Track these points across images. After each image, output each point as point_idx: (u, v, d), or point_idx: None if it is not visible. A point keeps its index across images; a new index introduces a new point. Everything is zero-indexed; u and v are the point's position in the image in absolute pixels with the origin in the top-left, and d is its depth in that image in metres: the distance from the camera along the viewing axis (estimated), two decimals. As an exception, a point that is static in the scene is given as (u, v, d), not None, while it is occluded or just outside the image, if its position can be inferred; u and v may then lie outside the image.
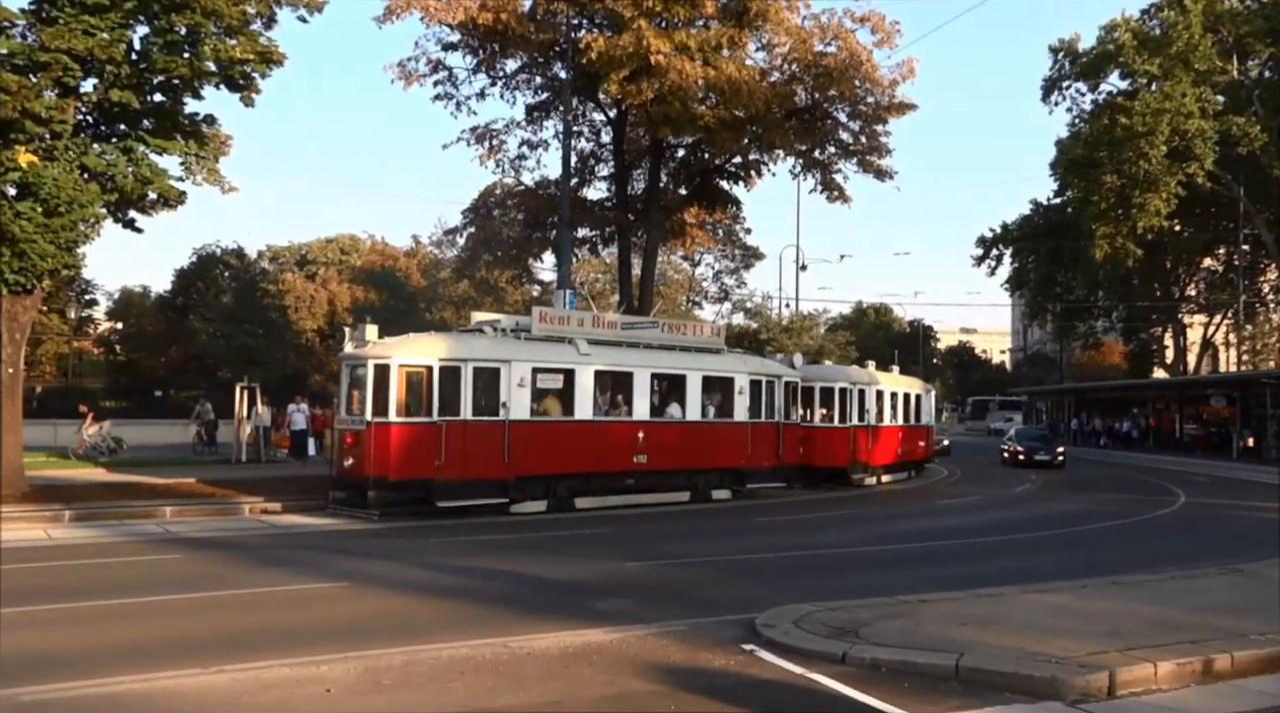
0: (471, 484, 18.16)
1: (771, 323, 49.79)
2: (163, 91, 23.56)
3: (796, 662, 8.30)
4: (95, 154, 22.72)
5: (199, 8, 21.24)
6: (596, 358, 20.16)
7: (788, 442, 24.13)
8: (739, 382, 22.73)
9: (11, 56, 21.07)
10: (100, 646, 8.81)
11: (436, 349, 18.19)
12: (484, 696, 7.40)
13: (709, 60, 24.93)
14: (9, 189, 21.53)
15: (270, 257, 62.04)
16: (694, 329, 23.65)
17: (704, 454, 22.17)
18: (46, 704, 6.99)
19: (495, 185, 31.11)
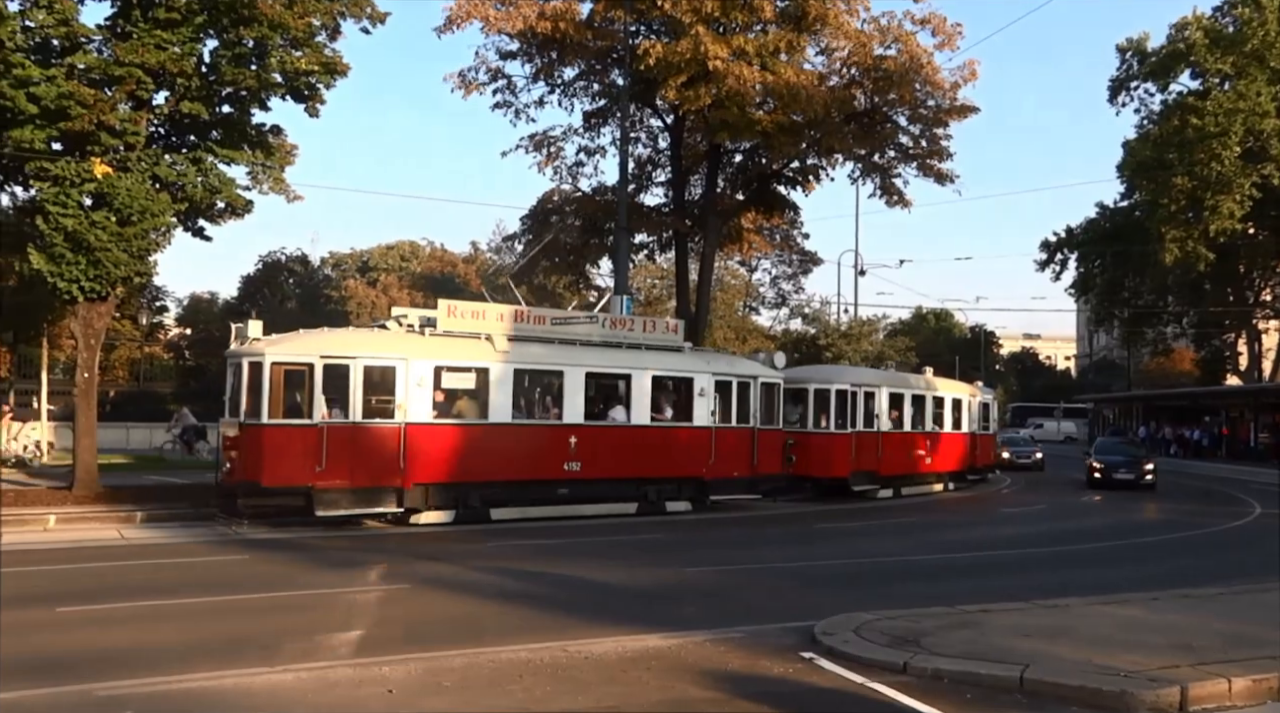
0: (360, 493, 16.60)
1: (830, 328, 49.37)
2: (231, 103, 24.15)
3: (856, 671, 8.22)
4: (166, 165, 23.36)
5: (266, 20, 21.74)
6: (517, 355, 18.39)
7: (766, 449, 21.77)
8: (700, 382, 20.62)
9: (88, 71, 21.78)
10: (171, 643, 9.03)
11: (320, 345, 16.87)
12: (543, 699, 7.44)
13: (767, 65, 24.84)
14: (85, 199, 22.24)
15: (333, 263, 63.22)
16: (646, 325, 21.27)
17: (655, 462, 20.10)
18: (120, 700, 7.18)
19: (553, 192, 31.29)
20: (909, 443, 27.02)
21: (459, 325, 18.28)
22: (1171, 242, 45.00)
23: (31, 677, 7.71)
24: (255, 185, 25.22)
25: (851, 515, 22.02)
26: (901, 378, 28.87)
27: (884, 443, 25.60)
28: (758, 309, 54.64)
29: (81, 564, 13.24)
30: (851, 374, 26.86)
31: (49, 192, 21.72)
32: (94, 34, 22.41)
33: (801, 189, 31.32)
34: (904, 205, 30.23)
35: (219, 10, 21.95)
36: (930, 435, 27.92)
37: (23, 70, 20.70)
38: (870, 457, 25.02)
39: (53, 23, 21.23)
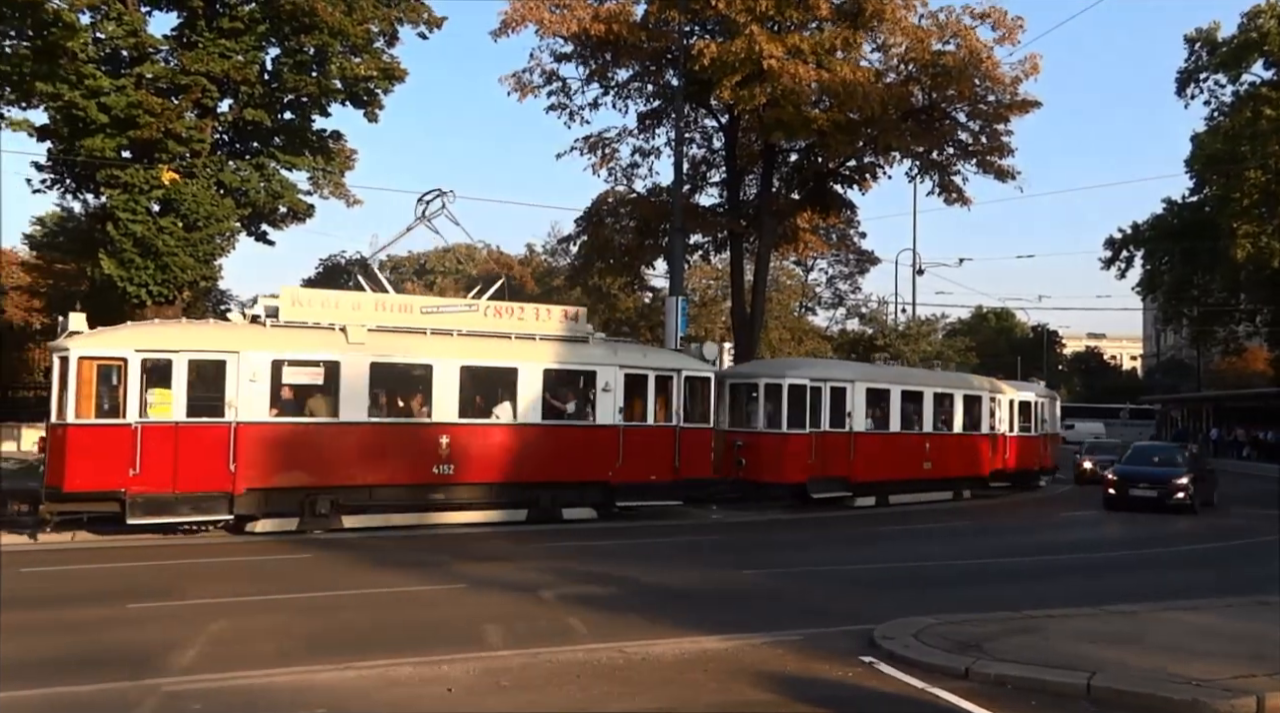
0: (185, 499, 15.01)
1: (887, 328, 48.80)
2: (292, 109, 24.66)
3: (917, 676, 8.09)
4: (231, 171, 23.92)
5: (326, 28, 22.15)
6: (376, 348, 16.57)
7: (692, 450, 19.43)
8: (604, 376, 18.45)
9: (156, 80, 22.38)
10: (235, 640, 9.22)
11: (137, 339, 15.30)
12: (600, 699, 7.44)
13: (822, 63, 24.62)
14: (153, 206, 22.85)
15: (391, 266, 64.07)
16: (540, 313, 18.94)
17: (548, 464, 18.00)
18: (186, 695, 7.33)
19: (608, 193, 31.35)
20: (898, 445, 23.77)
21: (307, 315, 16.44)
22: (1243, 237, 43.65)
23: (102, 671, 7.92)
24: (316, 190, 25.77)
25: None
26: (891, 372, 26.06)
27: (859, 445, 22.44)
28: (814, 309, 54.20)
29: (147, 563, 13.56)
30: (814, 367, 23.75)
31: (119, 198, 22.37)
32: (161, 44, 23.02)
33: (858, 188, 31.02)
34: (963, 203, 29.76)
35: (281, 18, 22.42)
36: (932, 437, 24.78)
37: (94, 81, 21.36)
38: (839, 460, 22.09)
39: (122, 34, 21.86)
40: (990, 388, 27.80)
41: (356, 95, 24.49)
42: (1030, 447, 28.93)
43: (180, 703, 7.16)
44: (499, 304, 18.65)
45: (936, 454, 24.81)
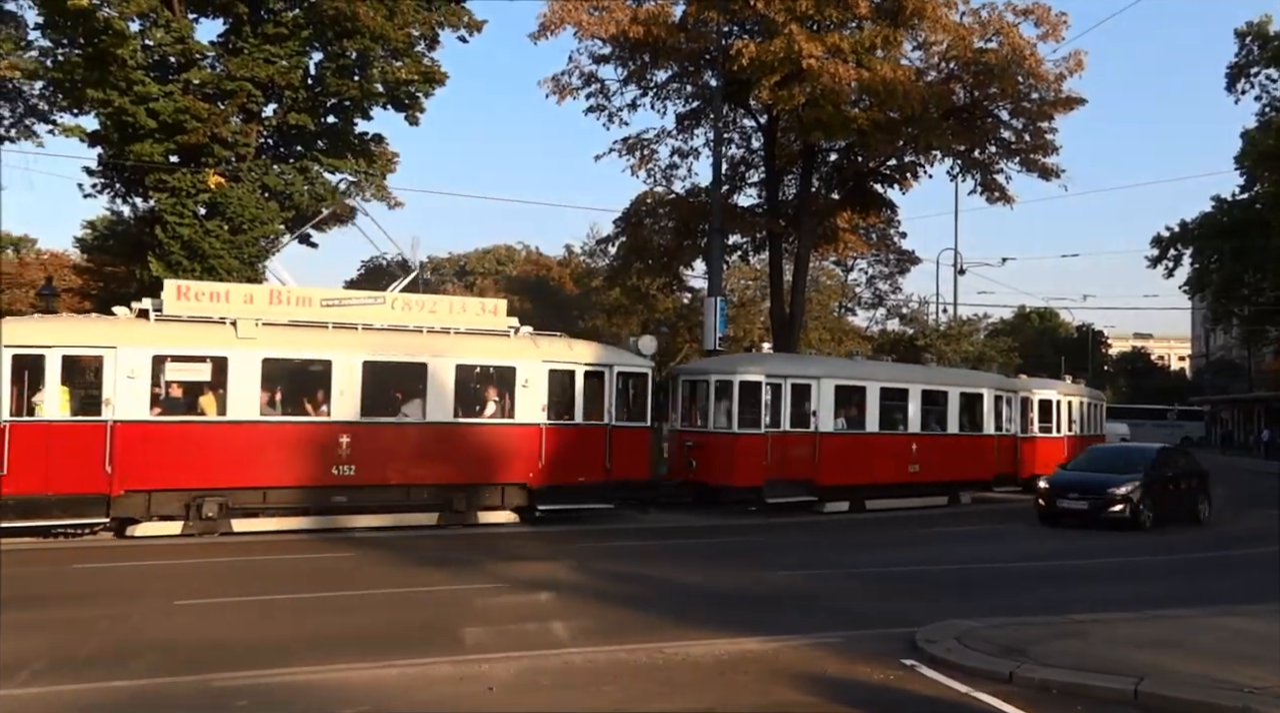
0: (59, 501, 14.39)
1: (929, 329, 48.34)
2: (335, 113, 24.98)
3: (960, 679, 8.02)
4: (275, 174, 24.28)
5: (368, 32, 22.41)
6: (269, 342, 15.75)
7: (626, 450, 18.36)
8: (525, 372, 17.48)
9: (202, 86, 22.78)
10: (281, 636, 9.36)
11: (9, 334, 14.60)
12: (639, 699, 7.47)
13: (862, 62, 24.44)
14: (200, 209, 23.25)
15: (431, 268, 64.61)
16: (455, 307, 18.07)
17: (462, 465, 17.06)
18: (235, 691, 7.46)
19: (647, 194, 31.35)
20: (875, 446, 22.21)
21: (194, 309, 15.72)
22: (1296, 235, 42.69)
23: (150, 666, 8.09)
24: (358, 192, 26.06)
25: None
26: (869, 368, 24.45)
27: (825, 446, 20.99)
28: (854, 310, 53.82)
29: (196, 560, 13.80)
30: (774, 363, 21.89)
31: (166, 202, 22.80)
32: (207, 50, 23.43)
33: (899, 187, 30.74)
34: (1006, 202, 29.39)
35: (324, 24, 22.73)
36: (921, 438, 23.10)
37: (143, 87, 21.79)
38: (802, 463, 20.66)
39: (170, 41, 22.28)
40: (997, 385, 26.06)
41: (398, 99, 24.75)
42: (1051, 449, 27.08)
43: (227, 699, 7.29)
44: (409, 297, 17.97)
45: (926, 456, 23.03)
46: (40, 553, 13.86)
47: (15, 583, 11.69)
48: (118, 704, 7.26)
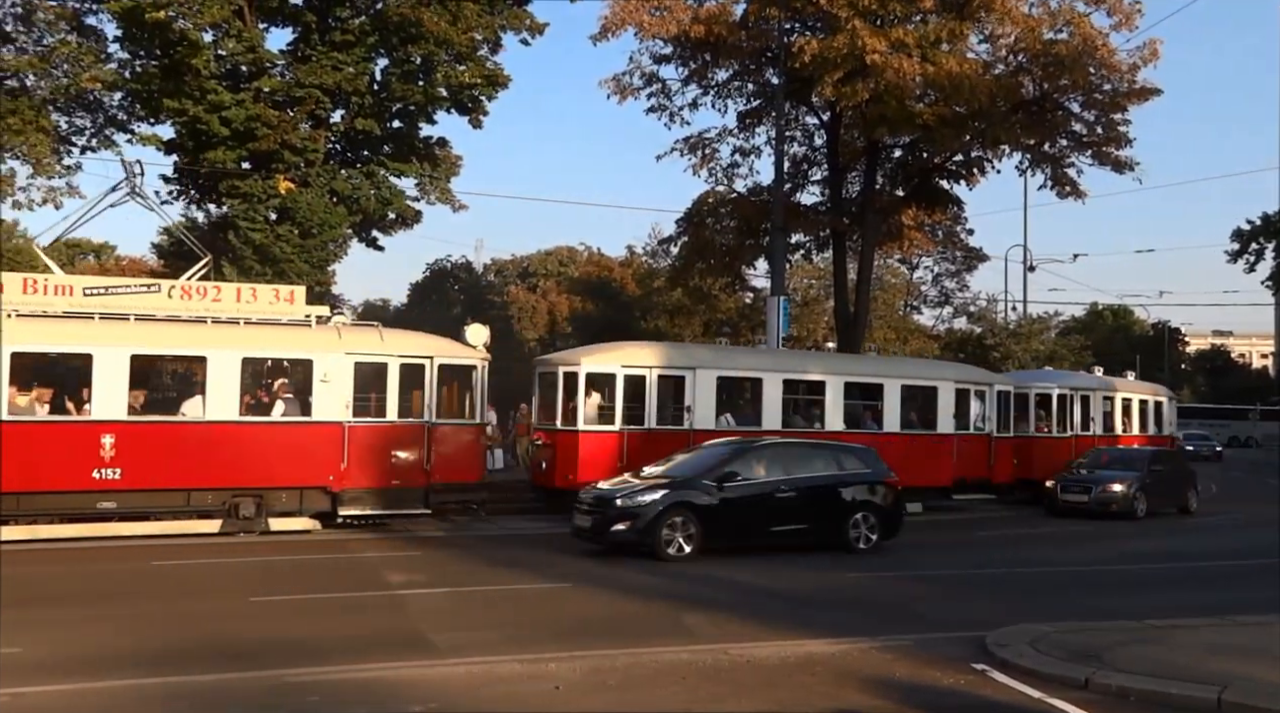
0: None
1: (998, 327, 47.44)
2: (400, 118, 25.36)
3: (1033, 685, 7.84)
4: (343, 179, 24.74)
5: (432, 38, 22.71)
6: (17, 335, 14.34)
7: (450, 450, 16.86)
8: (323, 366, 15.93)
9: (272, 94, 23.30)
10: (350, 633, 9.51)
11: None
12: (705, 701, 7.43)
13: (927, 56, 24.08)
14: (271, 214, 23.79)
15: (495, 270, 65.23)
16: (243, 294, 16.48)
17: (249, 468, 15.49)
18: (308, 687, 7.60)
19: (708, 194, 31.27)
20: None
21: None
22: (1385, 227, 41.03)
23: (224, 661, 8.29)
24: (423, 196, 26.42)
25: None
26: (771, 357, 21.56)
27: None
28: (919, 308, 53.09)
29: (277, 558, 14.11)
30: (639, 353, 19.69)
31: (239, 208, 23.37)
32: (277, 59, 23.97)
33: (965, 183, 30.20)
34: (1077, 196, 28.72)
35: (389, 30, 23.09)
36: (840, 437, 19.77)
37: (216, 96, 22.36)
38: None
39: (241, 50, 22.83)
40: (962, 378, 22.79)
41: (461, 102, 25.03)
42: (1050, 450, 24.11)
43: (300, 694, 7.43)
44: (190, 284, 16.53)
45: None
46: (119, 550, 14.27)
47: (94, 580, 12.09)
48: (188, 697, 7.44)
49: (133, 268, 53.08)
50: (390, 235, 27.01)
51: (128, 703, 7.27)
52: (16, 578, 11.38)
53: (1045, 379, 26.63)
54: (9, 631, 9.05)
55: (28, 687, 7.42)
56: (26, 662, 8.18)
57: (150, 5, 21.00)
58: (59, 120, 23.51)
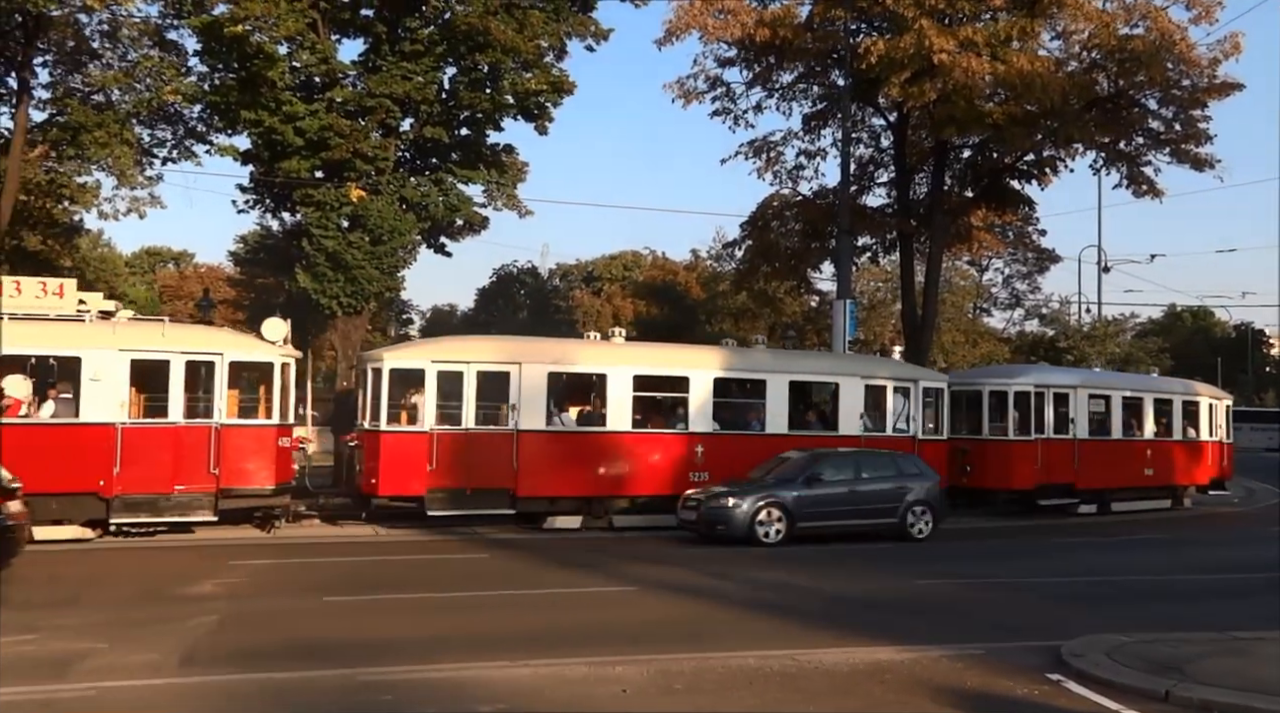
0: None
1: (1071, 330, 46.37)
2: (468, 125, 25.69)
3: (1110, 697, 7.65)
4: (412, 186, 25.15)
5: (499, 45, 22.97)
6: None
7: (242, 454, 15.83)
8: (94, 363, 14.98)
9: (344, 104, 23.80)
10: (419, 633, 9.67)
11: None
12: (773, 706, 7.41)
13: (997, 55, 23.65)
14: (343, 222, 24.30)
15: (560, 274, 65.74)
16: (5, 288, 15.52)
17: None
18: (380, 686, 7.75)
19: (773, 197, 31.11)
20: (610, 448, 17.63)
21: None
22: None
23: (299, 660, 8.48)
24: (490, 202, 26.73)
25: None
26: (617, 352, 18.68)
27: (523, 447, 16.99)
28: (989, 311, 52.15)
29: (342, 559, 14.41)
30: (444, 348, 18.55)
31: (312, 216, 23.90)
32: (349, 70, 24.48)
33: (1037, 183, 29.59)
34: (1155, 195, 27.94)
35: (457, 39, 23.42)
36: (711, 438, 18.22)
37: (290, 107, 22.91)
38: (498, 467, 16.80)
39: (315, 62, 23.36)
40: (873, 373, 20.47)
41: (528, 109, 25.27)
42: (1006, 455, 21.77)
43: (373, 693, 7.58)
44: None
45: (713, 459, 17.98)
46: (202, 549, 14.71)
47: (174, 578, 12.47)
48: (263, 694, 7.63)
49: (210, 275, 54.70)
50: (458, 241, 27.33)
51: (207, 699, 7.49)
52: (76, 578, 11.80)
53: (1010, 375, 23.46)
54: (86, 629, 9.42)
55: (113, 682, 7.70)
56: (113, 657, 8.49)
57: (229, 20, 21.60)
58: (141, 133, 24.27)
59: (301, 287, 24.55)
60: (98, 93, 23.12)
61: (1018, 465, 21.67)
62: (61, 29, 21.69)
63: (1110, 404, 23.86)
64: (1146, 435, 24.27)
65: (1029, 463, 21.72)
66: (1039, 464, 21.83)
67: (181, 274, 60.97)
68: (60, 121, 22.61)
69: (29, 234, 24.56)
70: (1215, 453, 26.33)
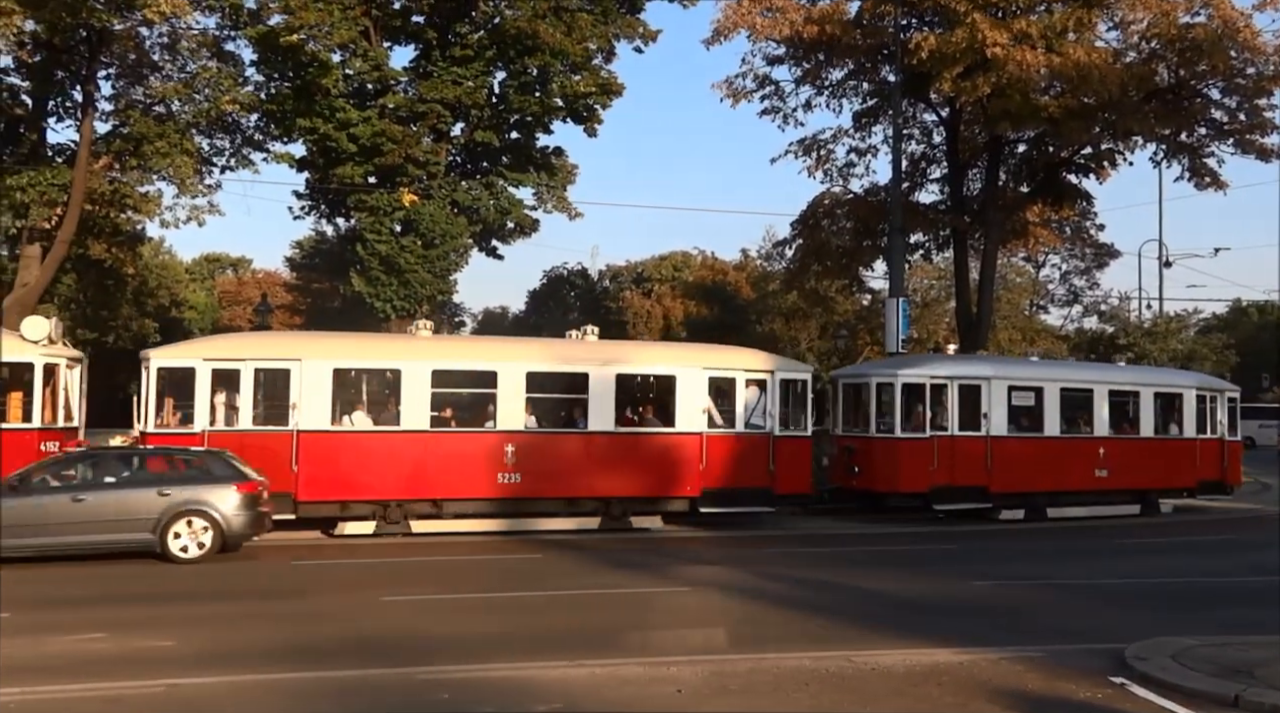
0: None
1: (1131, 326, 45.37)
2: (518, 129, 25.91)
3: (1177, 701, 7.49)
4: (463, 190, 25.44)
5: (548, 49, 23.14)
6: None
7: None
8: None
9: (396, 110, 24.14)
10: (476, 633, 9.76)
11: None
12: (828, 708, 7.35)
13: (1052, 47, 23.23)
14: (396, 226, 24.62)
15: (610, 275, 65.90)
16: None
17: None
18: (438, 684, 7.85)
19: (824, 195, 30.88)
20: (417, 449, 16.17)
21: None
22: None
23: (359, 658, 8.61)
24: (540, 205, 26.93)
25: None
26: (407, 346, 17.35)
27: (303, 447, 15.62)
28: (1046, 308, 51.22)
29: (397, 559, 14.58)
30: (216, 345, 17.35)
31: (366, 221, 24.27)
32: (401, 76, 24.83)
33: (1095, 177, 29.03)
34: (1218, 187, 27.23)
35: (506, 43, 23.65)
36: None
37: (344, 114, 23.29)
38: (279, 469, 15.21)
39: (367, 69, 23.73)
40: (720, 364, 18.21)
41: (576, 112, 25.42)
42: (893, 454, 19.24)
43: (431, 692, 7.66)
44: None
45: (527, 459, 16.43)
46: (260, 550, 14.99)
47: (239, 577, 12.73)
48: (323, 692, 7.75)
49: (268, 281, 55.75)
50: (509, 244, 27.60)
51: (272, 695, 7.64)
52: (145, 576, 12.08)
53: (901, 366, 20.45)
54: (161, 625, 9.65)
55: (182, 678, 7.88)
56: (181, 655, 8.69)
57: (284, 30, 22.02)
58: (201, 142, 24.81)
59: (356, 290, 24.94)
60: (158, 104, 23.69)
61: (906, 466, 19.10)
62: (124, 43, 22.25)
63: (1043, 397, 20.54)
64: (1099, 433, 21.11)
65: (921, 463, 19.07)
66: (935, 465, 19.10)
67: (240, 280, 62.20)
68: (123, 133, 23.19)
69: (94, 242, 25.22)
70: (1209, 453, 22.72)
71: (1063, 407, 20.85)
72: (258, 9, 23.02)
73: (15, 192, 21.33)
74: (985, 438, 19.65)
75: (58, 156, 23.16)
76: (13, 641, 8.96)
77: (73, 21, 19.45)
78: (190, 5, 21.47)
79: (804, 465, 18.59)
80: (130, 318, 40.37)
